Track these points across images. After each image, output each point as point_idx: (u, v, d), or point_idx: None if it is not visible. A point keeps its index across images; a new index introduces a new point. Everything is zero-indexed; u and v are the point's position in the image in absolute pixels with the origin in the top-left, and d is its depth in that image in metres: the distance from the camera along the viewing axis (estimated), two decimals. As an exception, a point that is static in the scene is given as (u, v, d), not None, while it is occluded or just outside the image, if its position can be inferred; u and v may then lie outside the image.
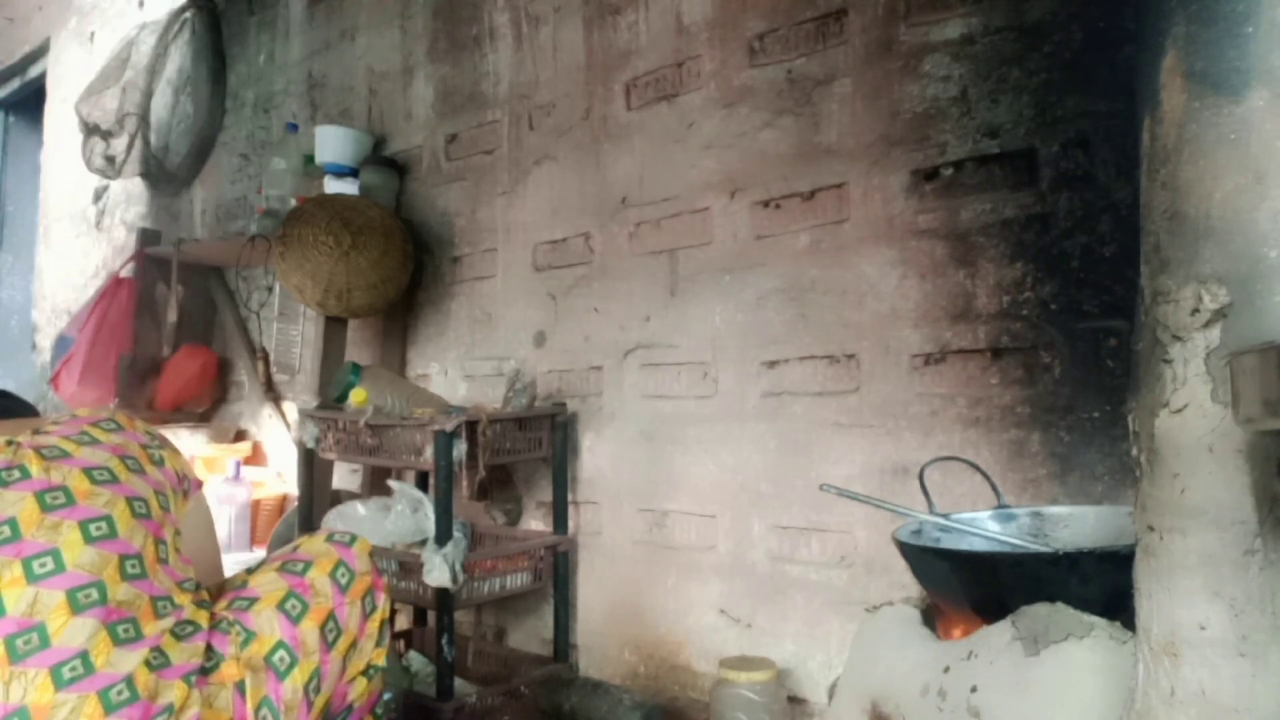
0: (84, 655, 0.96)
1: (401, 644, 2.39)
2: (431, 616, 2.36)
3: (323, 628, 1.19)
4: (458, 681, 2.06)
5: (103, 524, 1.04)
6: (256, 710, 1.08)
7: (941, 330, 1.70)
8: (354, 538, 1.34)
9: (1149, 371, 0.91)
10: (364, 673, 1.28)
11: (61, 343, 3.49)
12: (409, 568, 2.05)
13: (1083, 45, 1.56)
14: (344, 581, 1.24)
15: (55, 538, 1.00)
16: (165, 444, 1.24)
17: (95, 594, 0.99)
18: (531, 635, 2.37)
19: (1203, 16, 0.87)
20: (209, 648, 1.09)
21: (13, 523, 0.99)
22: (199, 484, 1.28)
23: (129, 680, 0.97)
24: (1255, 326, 0.83)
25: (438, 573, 1.92)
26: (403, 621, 2.56)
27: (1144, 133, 0.95)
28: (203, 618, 1.11)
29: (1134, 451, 0.95)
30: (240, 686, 1.08)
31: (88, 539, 1.02)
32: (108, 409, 1.23)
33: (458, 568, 1.94)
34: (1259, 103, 0.84)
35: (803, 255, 1.91)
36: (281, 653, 1.13)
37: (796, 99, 1.93)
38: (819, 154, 1.89)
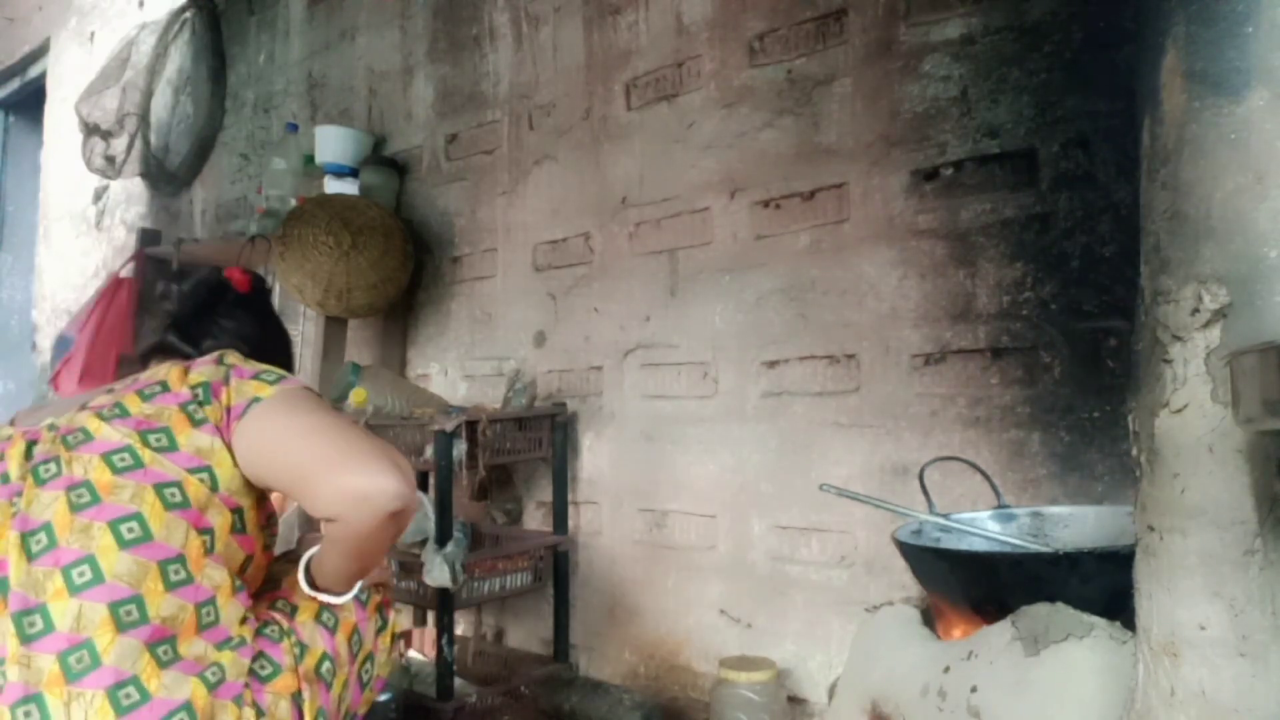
0: (136, 681, 0.93)
1: (402, 644, 2.39)
2: (431, 616, 2.36)
3: (350, 640, 1.20)
4: (458, 681, 2.06)
5: (134, 524, 0.97)
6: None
7: (941, 330, 1.70)
8: None
9: (1149, 371, 0.91)
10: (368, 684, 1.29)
11: (61, 343, 3.48)
12: (409, 568, 2.05)
13: (1083, 45, 1.56)
14: (364, 598, 1.24)
15: (89, 543, 0.96)
16: (227, 384, 1.07)
17: (136, 612, 0.95)
18: (531, 635, 2.37)
19: (1203, 16, 0.87)
20: (262, 654, 1.06)
21: (49, 529, 0.96)
22: (241, 407, 1.05)
23: (188, 708, 0.94)
24: (1255, 326, 0.83)
25: (438, 573, 1.92)
26: (403, 621, 2.56)
27: (1144, 133, 0.95)
28: (247, 632, 1.05)
29: (1134, 451, 0.95)
30: (297, 698, 1.06)
31: (121, 544, 0.96)
32: (172, 365, 1.11)
33: (458, 568, 1.94)
34: (1259, 103, 0.84)
35: (803, 255, 1.91)
36: (327, 664, 1.13)
37: (796, 99, 1.93)
38: (819, 154, 1.89)
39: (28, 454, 1.02)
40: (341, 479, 1.00)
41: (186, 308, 1.33)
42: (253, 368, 1.10)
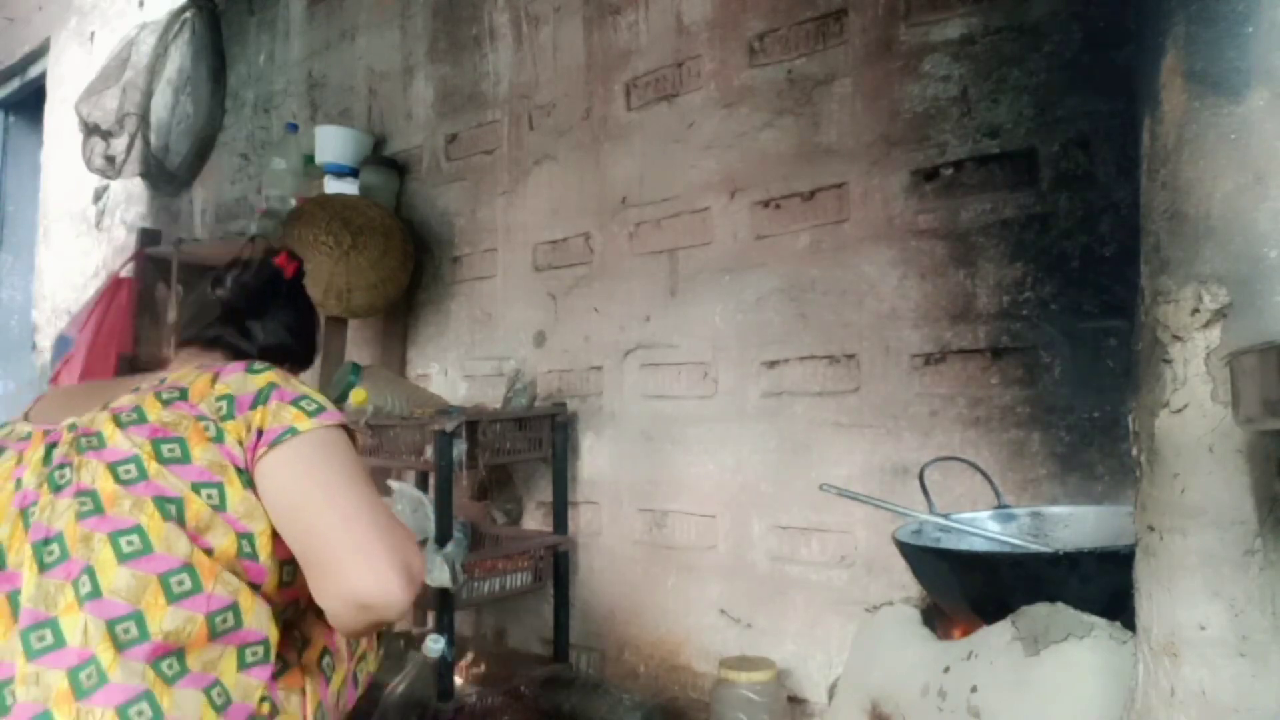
0: (150, 696, 0.89)
1: (401, 644, 2.39)
2: (431, 616, 2.36)
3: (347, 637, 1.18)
4: (458, 681, 2.06)
5: (134, 537, 0.93)
6: (315, 714, 1.06)
7: (941, 330, 1.70)
8: None
9: (1149, 371, 0.91)
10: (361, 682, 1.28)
11: (61, 343, 3.49)
12: (409, 568, 2.04)
13: (1083, 45, 1.56)
14: None
15: (89, 554, 0.92)
16: (256, 402, 1.01)
17: (134, 629, 0.90)
18: (531, 635, 2.37)
19: (1203, 16, 0.87)
20: (277, 655, 1.04)
21: (61, 539, 0.93)
22: (275, 433, 1.00)
23: None
24: (1255, 326, 0.83)
25: (438, 573, 1.92)
26: (403, 622, 2.56)
27: (1144, 133, 0.95)
28: (274, 635, 1.01)
29: (1134, 451, 0.95)
30: (302, 691, 1.06)
31: (120, 557, 0.92)
32: (197, 371, 1.06)
33: (458, 568, 1.94)
34: (1259, 103, 0.84)
35: (803, 255, 1.91)
36: (328, 658, 1.11)
37: (796, 99, 1.93)
38: (819, 154, 1.89)
39: (46, 458, 0.99)
40: (350, 577, 0.96)
41: (241, 299, 1.26)
42: (294, 390, 1.05)
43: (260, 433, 1.00)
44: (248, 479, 0.99)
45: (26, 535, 0.94)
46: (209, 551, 0.96)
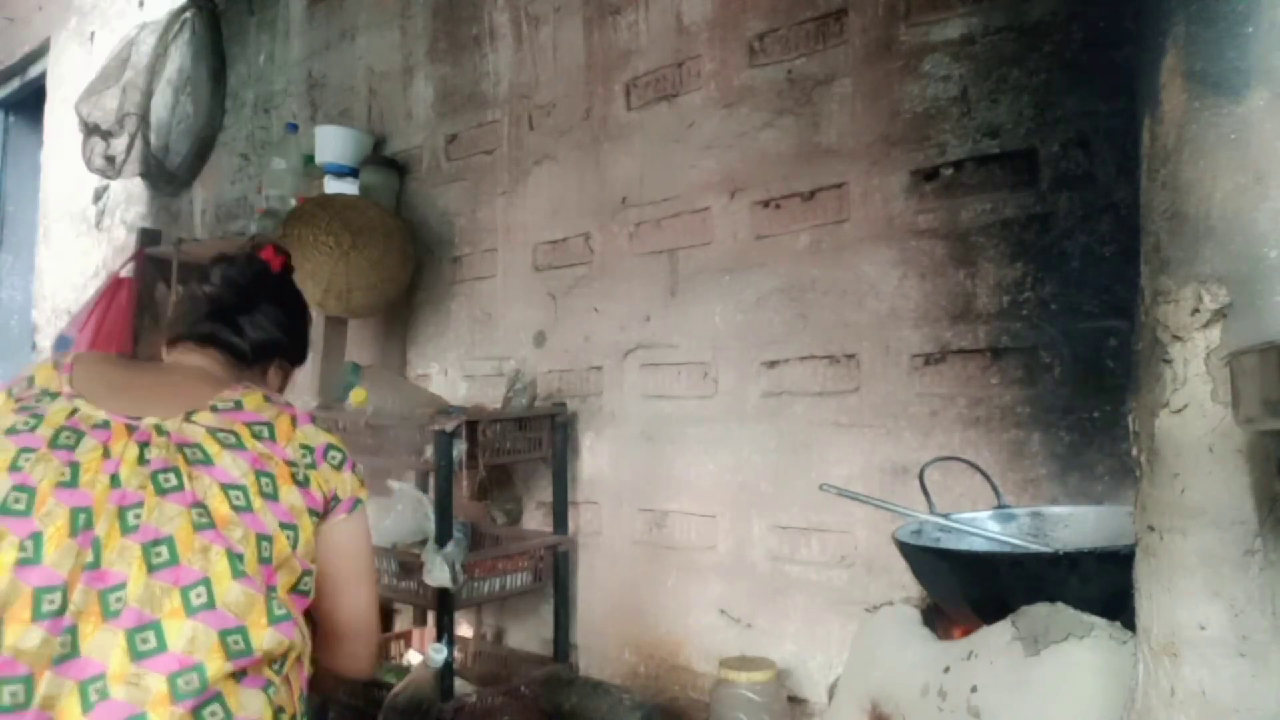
0: (220, 698, 0.93)
1: (402, 644, 2.39)
2: (431, 616, 2.36)
3: (300, 626, 1.21)
4: (458, 681, 2.06)
5: (238, 561, 0.99)
6: (298, 698, 1.09)
7: (941, 330, 1.70)
8: None
9: (1149, 371, 0.91)
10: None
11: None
12: (409, 568, 2.05)
13: (1083, 45, 1.56)
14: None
15: (206, 565, 0.96)
16: (326, 458, 1.12)
17: (242, 642, 0.95)
18: (531, 635, 2.37)
19: (1203, 16, 0.87)
20: None
21: (171, 543, 0.95)
22: (350, 503, 1.14)
23: None
24: (1255, 326, 0.83)
25: (438, 573, 1.92)
26: (403, 621, 2.56)
27: (1144, 133, 0.95)
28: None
29: (1134, 451, 0.95)
30: (287, 680, 1.09)
31: (235, 573, 0.97)
32: (275, 408, 1.12)
33: (458, 568, 1.94)
34: (1259, 103, 0.84)
35: (803, 255, 1.91)
36: (297, 650, 1.15)
37: (796, 99, 1.93)
38: (819, 154, 1.89)
39: (140, 457, 1.00)
40: (357, 665, 1.21)
41: (229, 294, 1.27)
42: (348, 453, 1.17)
43: (336, 492, 1.12)
44: (318, 523, 1.09)
45: (124, 535, 0.94)
46: (274, 588, 1.02)
